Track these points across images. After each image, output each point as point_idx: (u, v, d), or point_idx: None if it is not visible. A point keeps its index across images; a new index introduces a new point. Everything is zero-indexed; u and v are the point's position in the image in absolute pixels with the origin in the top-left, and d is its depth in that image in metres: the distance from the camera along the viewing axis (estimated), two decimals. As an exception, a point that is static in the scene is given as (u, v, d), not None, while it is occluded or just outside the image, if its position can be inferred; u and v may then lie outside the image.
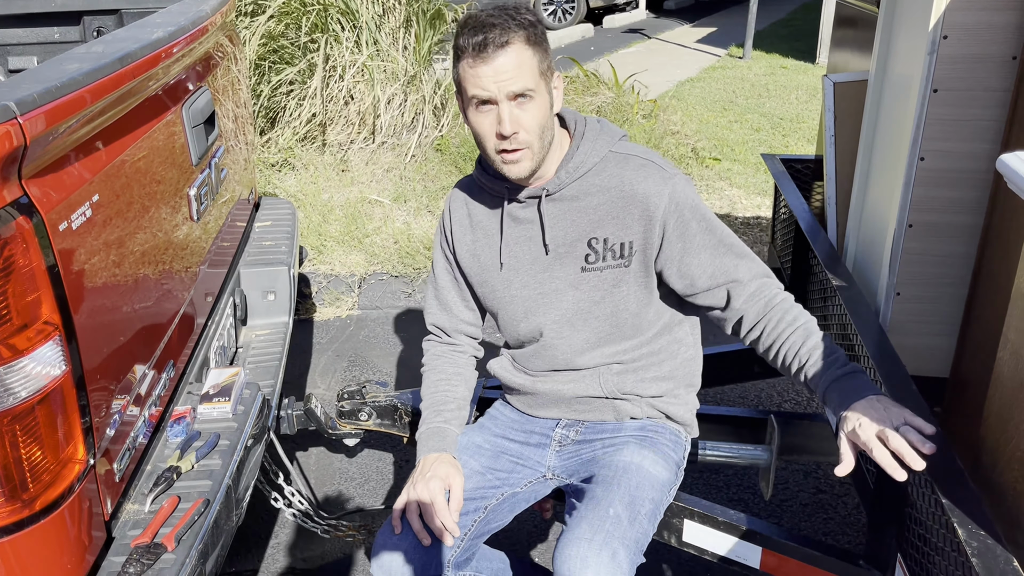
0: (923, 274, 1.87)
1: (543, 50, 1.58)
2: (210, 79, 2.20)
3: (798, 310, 1.64)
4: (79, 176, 1.33)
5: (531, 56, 1.55)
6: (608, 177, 1.68)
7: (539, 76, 1.57)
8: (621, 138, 1.73)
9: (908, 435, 1.37)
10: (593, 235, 1.69)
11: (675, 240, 1.66)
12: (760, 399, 3.22)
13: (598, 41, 11.20)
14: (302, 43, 5.34)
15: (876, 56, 2.08)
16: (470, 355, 1.92)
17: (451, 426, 1.79)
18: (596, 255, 1.70)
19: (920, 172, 1.80)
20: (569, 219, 1.70)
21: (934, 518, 1.39)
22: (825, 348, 1.57)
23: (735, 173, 5.40)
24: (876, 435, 1.39)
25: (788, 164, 2.97)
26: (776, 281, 1.68)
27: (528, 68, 1.54)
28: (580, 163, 1.68)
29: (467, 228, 1.81)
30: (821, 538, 2.49)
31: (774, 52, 9.97)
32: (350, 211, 4.63)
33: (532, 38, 1.55)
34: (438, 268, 1.87)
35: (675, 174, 1.67)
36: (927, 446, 1.35)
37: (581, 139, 1.69)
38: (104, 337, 1.40)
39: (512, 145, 1.58)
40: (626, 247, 1.68)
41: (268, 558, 2.46)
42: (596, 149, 1.69)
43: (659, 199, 1.64)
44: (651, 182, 1.65)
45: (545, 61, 1.59)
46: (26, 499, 1.21)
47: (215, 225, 2.19)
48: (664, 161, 1.71)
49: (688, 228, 1.66)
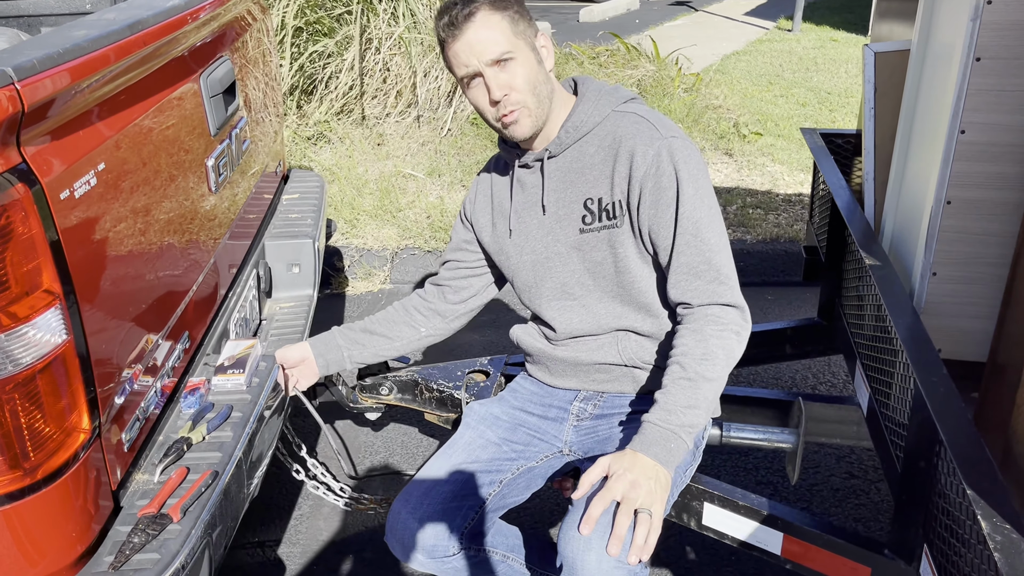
0: (961, 253, 1.78)
1: (514, 11, 1.59)
2: (233, 49, 2.18)
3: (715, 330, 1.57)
4: (83, 144, 1.31)
5: (499, 20, 1.57)
6: (604, 136, 1.66)
7: (514, 37, 1.58)
8: (629, 100, 1.70)
9: (621, 527, 1.36)
10: (588, 196, 1.67)
11: (648, 205, 1.61)
12: (795, 380, 3.15)
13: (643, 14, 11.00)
14: (338, 14, 5.31)
15: (919, 23, 1.98)
16: (428, 307, 1.95)
17: (336, 332, 1.93)
18: (592, 216, 1.68)
19: (960, 145, 1.71)
20: (568, 180, 1.69)
21: (961, 508, 1.32)
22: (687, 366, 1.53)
23: (778, 149, 5.26)
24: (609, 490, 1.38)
25: (828, 139, 2.87)
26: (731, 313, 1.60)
27: (499, 32, 1.56)
28: (581, 122, 1.66)
29: (487, 199, 1.84)
30: (852, 525, 2.43)
31: (825, 24, 9.68)
32: (384, 185, 4.61)
33: (497, 3, 1.57)
34: (452, 236, 1.93)
35: (670, 136, 1.61)
36: (614, 548, 1.35)
37: (582, 99, 1.68)
38: (111, 307, 1.40)
39: (507, 107, 1.60)
40: (617, 207, 1.65)
41: (291, 529, 2.48)
42: (598, 108, 1.67)
43: (643, 158, 1.60)
44: (640, 139, 1.61)
45: (520, 22, 1.59)
46: (28, 467, 1.21)
47: (237, 197, 2.18)
48: (665, 123, 1.65)
49: (663, 195, 1.59)
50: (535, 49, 1.62)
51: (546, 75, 1.63)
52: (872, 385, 1.93)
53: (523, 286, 1.81)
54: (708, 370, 1.53)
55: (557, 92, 1.67)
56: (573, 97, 1.72)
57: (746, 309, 1.62)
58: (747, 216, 4.34)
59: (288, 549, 2.40)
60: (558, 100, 1.67)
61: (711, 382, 1.53)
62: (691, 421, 1.50)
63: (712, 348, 1.55)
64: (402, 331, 1.94)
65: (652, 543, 1.38)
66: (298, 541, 2.43)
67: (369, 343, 1.92)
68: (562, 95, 1.69)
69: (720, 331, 1.57)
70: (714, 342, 1.55)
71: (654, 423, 1.49)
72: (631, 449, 1.45)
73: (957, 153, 1.71)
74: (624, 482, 1.39)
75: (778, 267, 4.03)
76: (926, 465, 1.49)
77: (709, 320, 1.58)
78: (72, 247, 1.25)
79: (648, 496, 1.39)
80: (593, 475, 1.43)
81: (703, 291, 1.60)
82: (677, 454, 1.48)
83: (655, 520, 1.38)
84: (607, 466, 1.43)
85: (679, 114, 5.50)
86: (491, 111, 1.61)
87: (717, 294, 1.60)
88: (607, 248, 1.68)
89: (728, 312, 1.60)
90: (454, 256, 1.92)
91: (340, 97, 5.28)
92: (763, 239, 4.13)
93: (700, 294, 1.60)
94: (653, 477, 1.41)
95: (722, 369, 1.55)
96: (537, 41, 1.63)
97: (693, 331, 1.58)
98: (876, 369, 1.91)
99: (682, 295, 1.62)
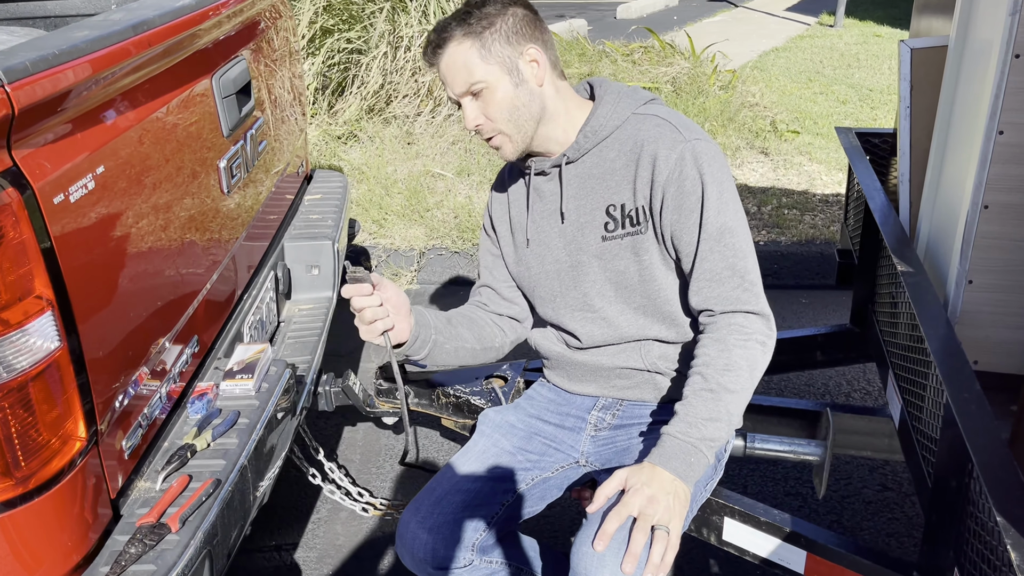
0: (998, 260, 1.69)
1: (491, 35, 1.54)
2: (251, 48, 2.16)
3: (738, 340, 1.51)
4: (80, 147, 1.29)
5: (468, 48, 1.53)
6: (625, 140, 1.60)
7: (485, 64, 1.53)
8: (649, 101, 1.64)
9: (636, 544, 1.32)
10: (611, 202, 1.62)
11: (672, 209, 1.55)
12: (828, 387, 3.05)
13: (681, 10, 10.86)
14: (369, 13, 5.30)
15: (957, 18, 1.89)
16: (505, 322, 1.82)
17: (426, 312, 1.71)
18: (615, 223, 1.62)
19: (998, 147, 1.62)
20: (588, 187, 1.64)
21: (993, 533, 1.24)
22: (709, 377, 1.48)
23: (816, 147, 5.14)
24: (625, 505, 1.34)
25: (864, 138, 2.77)
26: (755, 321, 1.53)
27: (469, 62, 1.53)
28: (599, 127, 1.61)
29: (504, 208, 1.80)
30: (884, 541, 2.34)
31: (868, 19, 9.46)
32: (412, 184, 4.59)
33: (469, 30, 1.53)
34: (481, 251, 1.86)
35: (693, 139, 1.55)
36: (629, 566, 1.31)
37: (600, 103, 1.62)
38: (111, 312, 1.37)
39: (483, 135, 1.59)
40: (641, 213, 1.59)
41: (308, 532, 2.46)
42: (617, 112, 1.61)
43: (665, 162, 1.54)
44: (662, 142, 1.55)
45: (495, 44, 1.53)
46: (20, 476, 1.19)
47: (253, 198, 2.16)
48: (687, 125, 1.59)
49: (686, 200, 1.53)
50: (513, 71, 1.54)
51: (530, 94, 1.57)
52: (904, 397, 1.85)
53: (543, 298, 1.76)
54: (731, 382, 1.47)
55: (561, 102, 1.62)
56: (589, 102, 1.66)
57: (771, 318, 1.56)
58: (782, 217, 4.24)
59: (304, 554, 2.38)
60: (568, 107, 1.62)
61: (734, 394, 1.47)
62: (712, 435, 1.44)
63: (735, 359, 1.49)
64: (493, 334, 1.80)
65: (669, 562, 1.33)
66: (315, 546, 2.40)
67: (453, 339, 1.74)
68: (573, 102, 1.64)
69: (744, 341, 1.51)
70: (738, 352, 1.49)
71: (674, 436, 1.44)
72: (649, 462, 1.41)
73: (995, 155, 1.62)
74: (642, 497, 1.34)
75: (813, 269, 3.92)
76: (957, 485, 1.41)
77: (733, 329, 1.52)
78: (67, 252, 1.23)
79: (666, 512, 1.34)
80: (609, 488, 1.39)
81: (726, 298, 1.54)
82: (697, 469, 1.43)
83: (672, 538, 1.34)
84: (624, 479, 1.38)
85: (715, 112, 5.39)
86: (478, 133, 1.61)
87: (741, 301, 1.54)
88: (631, 256, 1.63)
89: (752, 321, 1.53)
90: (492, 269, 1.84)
91: (370, 96, 5.27)
92: (798, 240, 4.03)
93: (723, 301, 1.54)
94: (672, 492, 1.36)
95: (746, 381, 1.49)
96: (523, 57, 1.55)
97: (716, 340, 1.52)
98: (908, 380, 1.82)
99: (705, 302, 1.56)
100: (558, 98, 1.61)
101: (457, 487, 1.67)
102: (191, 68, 1.75)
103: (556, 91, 1.61)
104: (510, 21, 1.55)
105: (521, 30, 1.56)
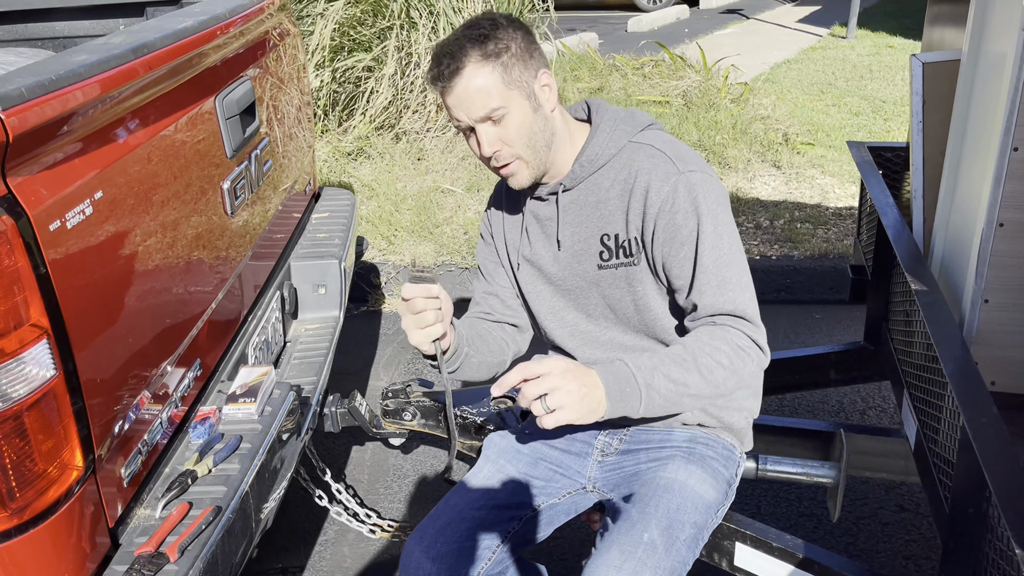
0: (1015, 279, 1.65)
1: (509, 56, 1.48)
2: (256, 68, 2.15)
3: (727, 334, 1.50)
4: (77, 172, 1.28)
5: (489, 73, 1.46)
6: (620, 169, 1.58)
7: (506, 88, 1.48)
8: (646, 127, 1.61)
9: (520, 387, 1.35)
10: (605, 232, 1.60)
11: (662, 241, 1.53)
12: (843, 405, 3.00)
13: (693, 23, 10.83)
14: (379, 30, 5.31)
15: (969, 32, 1.86)
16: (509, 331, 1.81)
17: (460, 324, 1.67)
18: (609, 253, 1.60)
19: (1013, 164, 1.58)
20: (584, 215, 1.62)
21: (1012, 563, 1.20)
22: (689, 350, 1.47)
23: (829, 160, 5.09)
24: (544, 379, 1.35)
25: (877, 152, 2.73)
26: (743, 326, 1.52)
27: (489, 87, 1.47)
28: (595, 155, 1.58)
29: (500, 225, 1.78)
30: (902, 563, 2.28)
31: (881, 31, 9.40)
32: (422, 200, 4.57)
33: (487, 53, 1.47)
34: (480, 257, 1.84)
35: (688, 170, 1.52)
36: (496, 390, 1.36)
37: (596, 130, 1.59)
38: (109, 339, 1.36)
39: (500, 161, 1.53)
40: (634, 244, 1.57)
41: (315, 555, 2.43)
42: (613, 140, 1.59)
43: (657, 194, 1.52)
44: (656, 174, 1.53)
45: (515, 67, 1.48)
46: (15, 508, 1.17)
47: (259, 218, 2.14)
48: (684, 155, 1.56)
49: (678, 232, 1.51)
50: (531, 96, 1.51)
51: (545, 119, 1.54)
52: (920, 418, 1.81)
53: (542, 319, 1.75)
54: (708, 369, 1.46)
55: (565, 127, 1.59)
56: (586, 124, 1.64)
57: (767, 350, 1.54)
58: (795, 231, 4.20)
59: (311, 577, 2.35)
60: (570, 132, 1.60)
61: (704, 380, 1.46)
62: (662, 391, 1.43)
63: (723, 355, 1.47)
64: (503, 347, 1.77)
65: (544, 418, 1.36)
66: (321, 568, 2.38)
67: (478, 353, 1.69)
68: (573, 126, 1.62)
69: (739, 349, 1.49)
70: (728, 350, 1.48)
71: (627, 364, 1.43)
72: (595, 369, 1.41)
73: (1010, 172, 1.59)
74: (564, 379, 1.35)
75: (826, 284, 3.87)
76: (975, 512, 1.37)
77: (733, 335, 1.51)
78: (64, 279, 1.22)
79: (567, 398, 1.35)
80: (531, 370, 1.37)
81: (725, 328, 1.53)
82: (626, 402, 1.42)
83: (547, 419, 1.35)
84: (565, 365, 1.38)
85: (727, 125, 5.36)
86: (488, 161, 1.55)
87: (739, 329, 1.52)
88: (625, 286, 1.61)
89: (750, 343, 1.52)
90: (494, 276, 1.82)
91: (380, 112, 5.27)
92: (811, 255, 3.98)
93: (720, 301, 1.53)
94: (586, 396, 1.37)
95: (720, 379, 1.47)
96: (537, 82, 1.52)
97: (714, 333, 1.51)
98: (924, 401, 1.78)
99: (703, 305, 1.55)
100: (563, 122, 1.60)
101: (462, 515, 1.64)
102: (194, 90, 1.74)
103: (561, 115, 1.60)
104: (522, 44, 1.51)
105: (531, 53, 1.53)
